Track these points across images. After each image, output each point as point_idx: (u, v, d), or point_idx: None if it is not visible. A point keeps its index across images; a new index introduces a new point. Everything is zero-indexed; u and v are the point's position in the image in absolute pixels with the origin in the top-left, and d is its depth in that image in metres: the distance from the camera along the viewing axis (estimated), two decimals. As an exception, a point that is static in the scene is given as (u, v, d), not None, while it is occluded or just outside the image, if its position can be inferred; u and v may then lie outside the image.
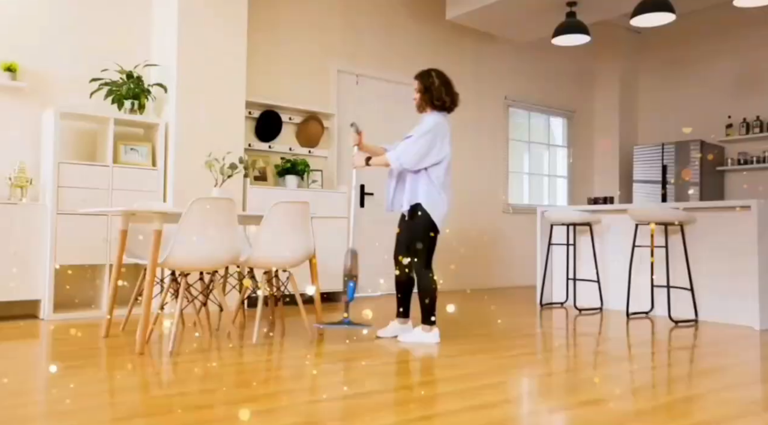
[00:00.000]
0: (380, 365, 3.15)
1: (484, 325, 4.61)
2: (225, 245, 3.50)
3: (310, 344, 3.72)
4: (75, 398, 2.45)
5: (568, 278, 5.95)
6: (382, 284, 6.78)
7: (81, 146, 5.07)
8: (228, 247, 3.52)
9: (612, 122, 8.92)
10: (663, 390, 2.70)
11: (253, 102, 5.79)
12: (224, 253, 3.51)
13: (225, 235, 3.49)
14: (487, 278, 7.77)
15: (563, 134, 8.93)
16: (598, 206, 5.73)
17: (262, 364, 3.13)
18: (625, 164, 8.86)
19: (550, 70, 8.66)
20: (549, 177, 8.72)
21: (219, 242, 3.47)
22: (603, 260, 5.81)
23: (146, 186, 4.92)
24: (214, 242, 3.45)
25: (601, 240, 5.83)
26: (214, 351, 3.47)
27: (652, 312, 5.33)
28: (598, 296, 5.73)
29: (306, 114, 6.22)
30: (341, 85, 6.58)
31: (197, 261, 3.42)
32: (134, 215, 3.79)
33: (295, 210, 3.80)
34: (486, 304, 6.00)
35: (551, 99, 8.65)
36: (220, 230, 3.46)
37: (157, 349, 3.49)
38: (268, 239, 3.71)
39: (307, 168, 5.93)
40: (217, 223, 3.45)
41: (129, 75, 5.01)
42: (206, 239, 3.42)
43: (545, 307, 5.86)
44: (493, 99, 7.98)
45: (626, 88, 8.97)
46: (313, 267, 4.03)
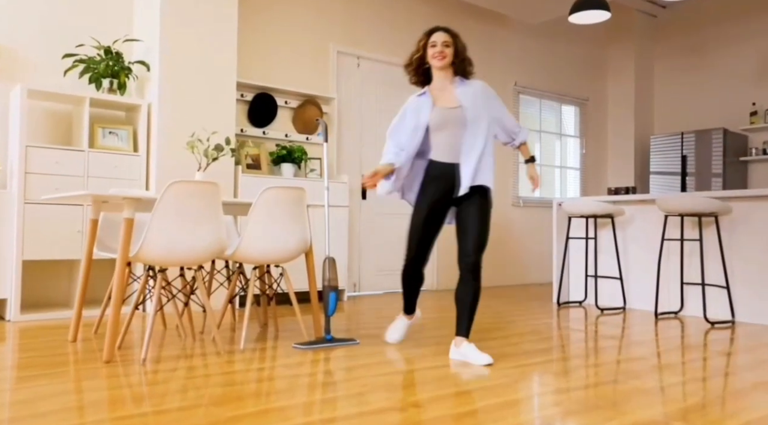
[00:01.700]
0: (386, 375, 2.70)
1: (499, 327, 4.15)
2: (207, 236, 3.04)
3: (306, 351, 3.27)
4: (21, 420, 1.99)
5: (587, 275, 5.49)
6: (384, 282, 6.32)
7: (54, 128, 4.61)
8: (211, 239, 3.06)
9: (627, 110, 8.45)
10: (733, 407, 2.24)
11: (245, 83, 5.33)
12: (207, 245, 3.05)
13: (207, 225, 3.03)
14: (497, 276, 7.31)
15: (575, 123, 8.46)
16: (621, 197, 5.26)
17: (251, 375, 2.68)
18: (641, 154, 8.39)
19: (561, 56, 8.19)
20: (561, 169, 8.25)
21: (200, 233, 3.01)
22: (625, 255, 5.35)
23: (127, 173, 4.46)
24: (194, 233, 2.99)
25: (624, 234, 5.37)
26: (196, 358, 3.01)
27: (681, 312, 4.87)
28: (621, 295, 5.27)
29: (303, 98, 5.75)
30: (341, 67, 6.11)
31: (175, 255, 2.96)
32: (106, 203, 3.33)
33: (289, 197, 3.34)
34: (498, 303, 5.54)
35: (563, 86, 8.18)
36: (201, 219, 3.00)
37: (130, 356, 3.03)
38: (257, 230, 3.25)
39: (304, 156, 5.47)
40: (198, 211, 2.99)
41: (107, 51, 4.54)
42: (185, 230, 2.96)
43: (563, 306, 5.40)
44: (503, 85, 7.51)
45: (642, 74, 8.50)
46: (310, 262, 3.58)
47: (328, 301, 3.38)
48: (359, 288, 6.14)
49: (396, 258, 6.39)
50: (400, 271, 6.45)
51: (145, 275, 3.18)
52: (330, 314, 3.41)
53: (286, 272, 3.52)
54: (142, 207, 3.01)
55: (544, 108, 8.10)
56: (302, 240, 3.44)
